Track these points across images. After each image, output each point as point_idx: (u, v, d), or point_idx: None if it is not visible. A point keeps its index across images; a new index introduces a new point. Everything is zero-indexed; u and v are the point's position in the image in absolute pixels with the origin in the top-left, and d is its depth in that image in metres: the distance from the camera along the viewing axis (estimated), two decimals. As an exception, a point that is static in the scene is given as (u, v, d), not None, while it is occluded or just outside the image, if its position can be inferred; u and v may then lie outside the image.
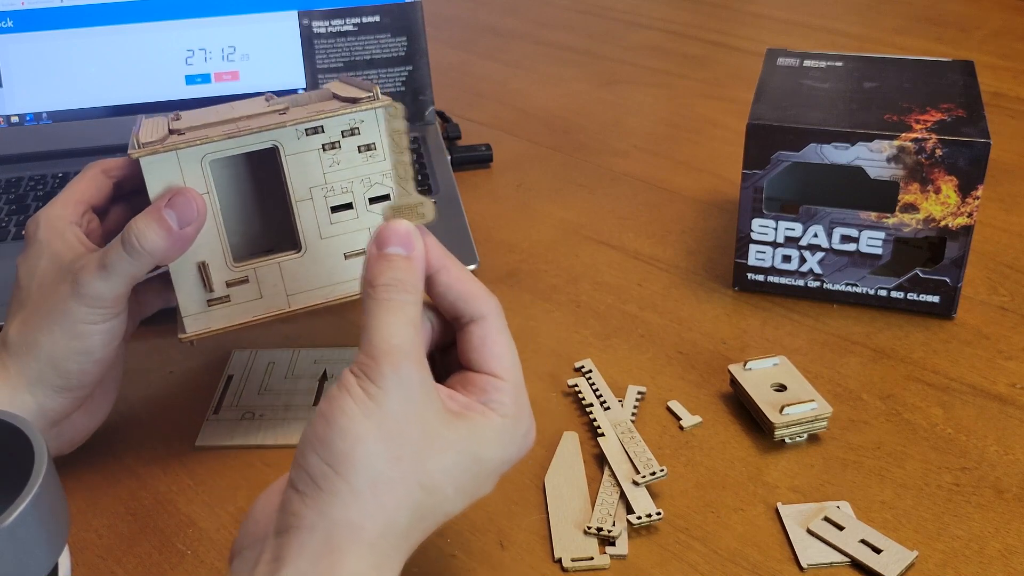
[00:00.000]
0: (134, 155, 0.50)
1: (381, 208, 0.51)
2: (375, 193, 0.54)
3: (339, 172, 0.53)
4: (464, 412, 0.42)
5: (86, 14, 0.87)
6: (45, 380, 0.51)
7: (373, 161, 0.53)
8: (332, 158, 0.53)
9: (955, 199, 0.64)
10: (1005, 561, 0.49)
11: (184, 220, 0.50)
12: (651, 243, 0.79)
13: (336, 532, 0.38)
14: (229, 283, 0.53)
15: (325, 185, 0.53)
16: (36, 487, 0.39)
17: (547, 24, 1.34)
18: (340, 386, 0.40)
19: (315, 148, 0.52)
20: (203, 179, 0.51)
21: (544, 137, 0.99)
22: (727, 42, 1.24)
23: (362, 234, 0.54)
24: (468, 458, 0.41)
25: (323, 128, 0.52)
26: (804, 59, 0.76)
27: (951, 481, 0.54)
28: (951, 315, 0.67)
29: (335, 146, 0.53)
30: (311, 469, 0.39)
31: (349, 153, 0.53)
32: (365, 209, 0.54)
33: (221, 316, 0.53)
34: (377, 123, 0.53)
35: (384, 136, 0.53)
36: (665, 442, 0.58)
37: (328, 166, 0.53)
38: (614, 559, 0.50)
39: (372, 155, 0.53)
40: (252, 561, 0.39)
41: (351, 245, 0.54)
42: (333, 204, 0.53)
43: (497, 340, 0.44)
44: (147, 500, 0.55)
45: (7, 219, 0.80)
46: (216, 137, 0.51)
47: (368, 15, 0.91)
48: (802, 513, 0.52)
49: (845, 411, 0.60)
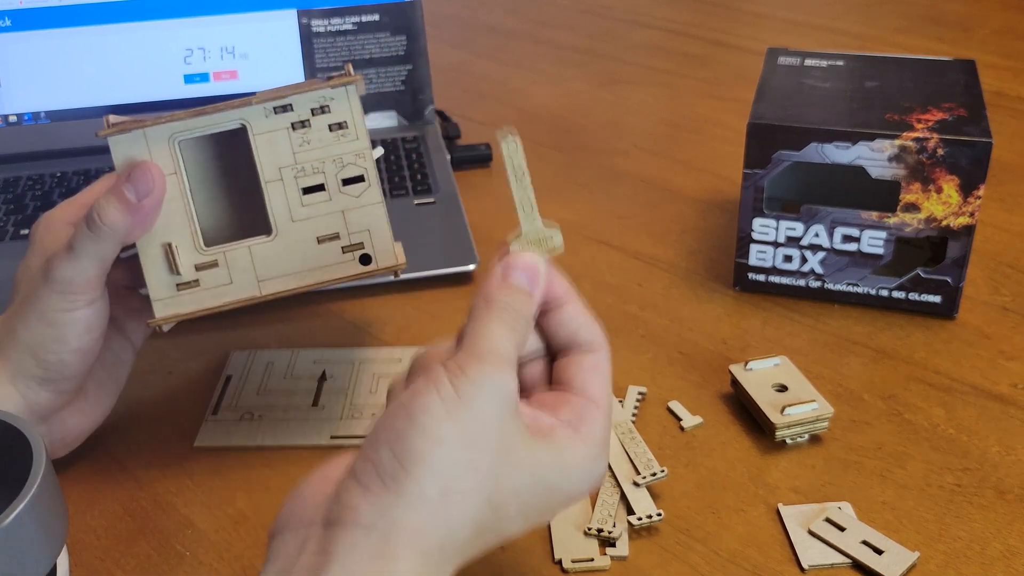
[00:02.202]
0: (101, 134, 0.49)
1: (511, 239, 0.46)
2: (348, 174, 0.52)
3: (310, 152, 0.52)
4: (550, 434, 0.40)
5: (84, 13, 0.87)
6: (26, 371, 0.51)
7: (345, 141, 0.52)
8: (302, 137, 0.51)
9: (956, 199, 0.63)
10: (1007, 562, 0.49)
11: (141, 191, 0.49)
12: (651, 243, 0.79)
13: (395, 536, 0.36)
14: (198, 267, 0.52)
15: (295, 165, 0.52)
16: (34, 488, 0.39)
17: (547, 23, 1.34)
18: (429, 380, 0.38)
19: (284, 127, 0.51)
20: (172, 159, 0.50)
21: (544, 137, 0.99)
22: (728, 41, 1.24)
23: (335, 217, 0.53)
24: (541, 485, 0.39)
25: (292, 106, 0.51)
26: (805, 58, 0.76)
27: (953, 482, 0.54)
28: (953, 315, 0.67)
29: (305, 125, 0.51)
30: (381, 465, 0.37)
31: (320, 132, 0.51)
32: (338, 191, 0.52)
33: (190, 301, 0.52)
34: (348, 101, 0.51)
35: (356, 114, 0.51)
36: (666, 443, 0.58)
37: (298, 145, 0.51)
38: (614, 560, 0.50)
39: (344, 134, 0.52)
40: (295, 547, 0.37)
41: (323, 229, 0.53)
42: (304, 185, 0.52)
43: (607, 370, 0.44)
44: (146, 501, 0.55)
45: (5, 219, 0.80)
46: (183, 116, 0.50)
47: (367, 14, 0.90)
48: (803, 514, 0.52)
49: (846, 411, 0.60)
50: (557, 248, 0.45)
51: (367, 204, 0.53)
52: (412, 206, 0.80)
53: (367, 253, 0.53)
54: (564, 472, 0.40)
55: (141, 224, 0.50)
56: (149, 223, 0.50)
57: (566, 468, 0.40)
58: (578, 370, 0.43)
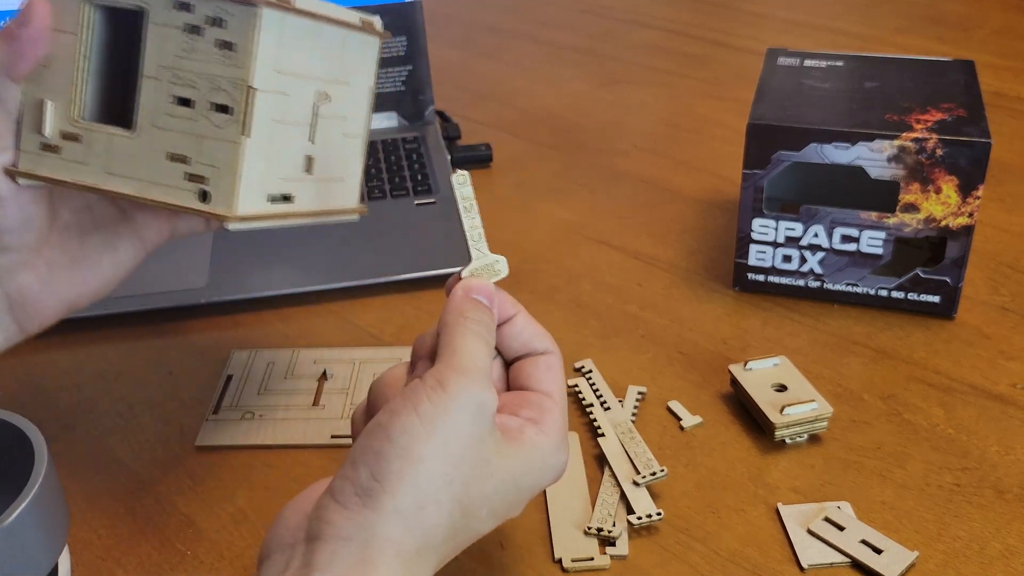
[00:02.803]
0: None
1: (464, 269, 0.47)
2: (218, 100, 0.48)
3: (191, 61, 0.48)
4: (519, 435, 0.42)
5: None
6: None
7: (228, 64, 0.47)
8: (190, 43, 0.47)
9: (956, 199, 0.63)
10: (1006, 561, 0.49)
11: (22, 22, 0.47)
12: (651, 243, 0.79)
13: (373, 544, 0.37)
14: (63, 135, 0.49)
15: (175, 69, 0.48)
16: (36, 487, 0.39)
17: (547, 24, 1.34)
18: (406, 400, 0.39)
19: (179, 25, 0.47)
20: (77, 18, 0.48)
21: (544, 137, 0.99)
22: (727, 41, 1.24)
23: (191, 139, 0.48)
24: (510, 485, 0.41)
25: (192, 7, 0.47)
26: (805, 59, 0.76)
27: (952, 481, 0.54)
28: (952, 315, 0.67)
29: (196, 31, 0.47)
30: (359, 483, 0.38)
31: (207, 44, 0.47)
32: (203, 113, 0.48)
33: (47, 166, 0.50)
34: (251, 26, 0.47)
35: (251, 44, 0.47)
36: (665, 442, 0.58)
37: (183, 50, 0.48)
38: (614, 559, 0.50)
39: (228, 57, 0.47)
40: (281, 566, 0.38)
41: (178, 146, 0.48)
42: (176, 94, 0.48)
43: (561, 369, 0.47)
44: (147, 500, 0.55)
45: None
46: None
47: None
48: (803, 513, 0.52)
49: (846, 411, 0.60)
50: (502, 273, 0.48)
51: (224, 139, 0.48)
52: (412, 206, 0.81)
53: (207, 190, 0.49)
54: (532, 470, 0.42)
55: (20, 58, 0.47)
56: (27, 58, 0.48)
57: (534, 466, 0.42)
58: (534, 369, 0.46)
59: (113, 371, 0.66)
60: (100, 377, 0.65)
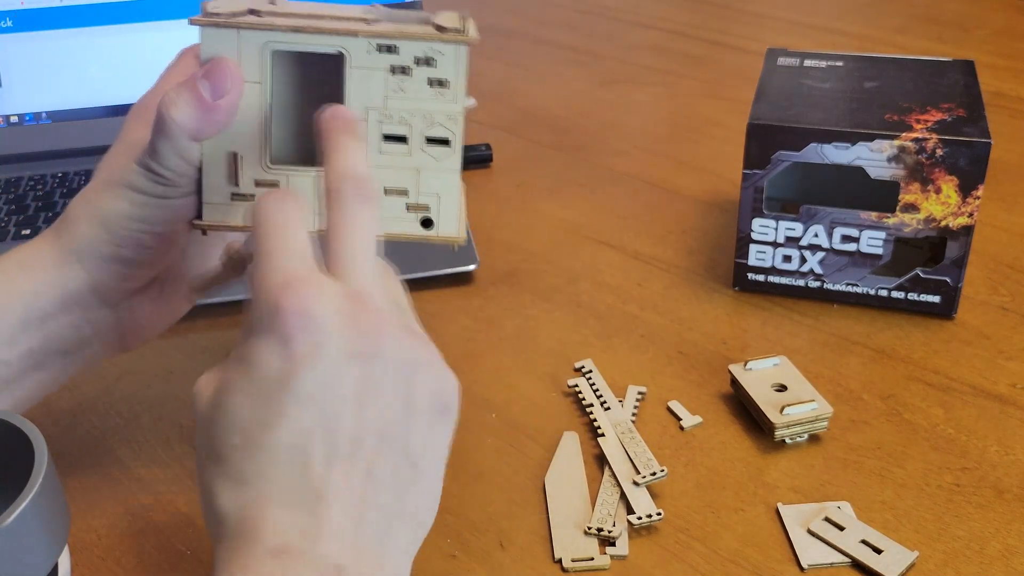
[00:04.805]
0: (193, 21, 0.46)
1: None
2: (434, 134, 0.49)
3: (402, 100, 0.49)
4: None
5: (86, 14, 0.87)
6: (96, 246, 0.48)
7: (441, 99, 0.49)
8: (399, 84, 0.48)
9: (956, 199, 0.63)
10: (1006, 561, 0.49)
11: (218, 91, 0.46)
12: (651, 243, 0.79)
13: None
14: (258, 183, 0.49)
15: (383, 109, 0.49)
16: (36, 487, 0.39)
17: (547, 24, 1.34)
18: None
19: (383, 67, 0.48)
20: (260, 67, 0.47)
21: (544, 137, 0.99)
22: (727, 42, 1.24)
23: (408, 173, 0.50)
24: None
25: (397, 49, 0.48)
26: (804, 59, 0.76)
27: (952, 481, 0.54)
28: (952, 315, 0.67)
29: (405, 71, 0.48)
30: None
31: (418, 83, 0.48)
32: (419, 147, 0.50)
33: (240, 214, 0.50)
34: (456, 60, 0.48)
35: (461, 76, 0.49)
36: (665, 442, 0.58)
37: (392, 90, 0.48)
38: (614, 559, 0.50)
39: (442, 92, 0.49)
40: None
41: (393, 181, 0.50)
42: (387, 132, 0.49)
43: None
44: (147, 500, 0.55)
45: (6, 219, 0.80)
46: (282, 27, 0.47)
47: (368, 15, 0.90)
48: (802, 513, 0.52)
49: (845, 411, 0.60)
50: None
51: (445, 170, 0.51)
52: (413, 206, 0.81)
53: (430, 217, 0.51)
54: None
55: (212, 125, 0.47)
56: (222, 124, 0.47)
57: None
58: None
59: (113, 371, 0.66)
60: (100, 377, 0.65)
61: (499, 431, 0.59)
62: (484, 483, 0.56)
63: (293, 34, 0.47)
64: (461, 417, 0.60)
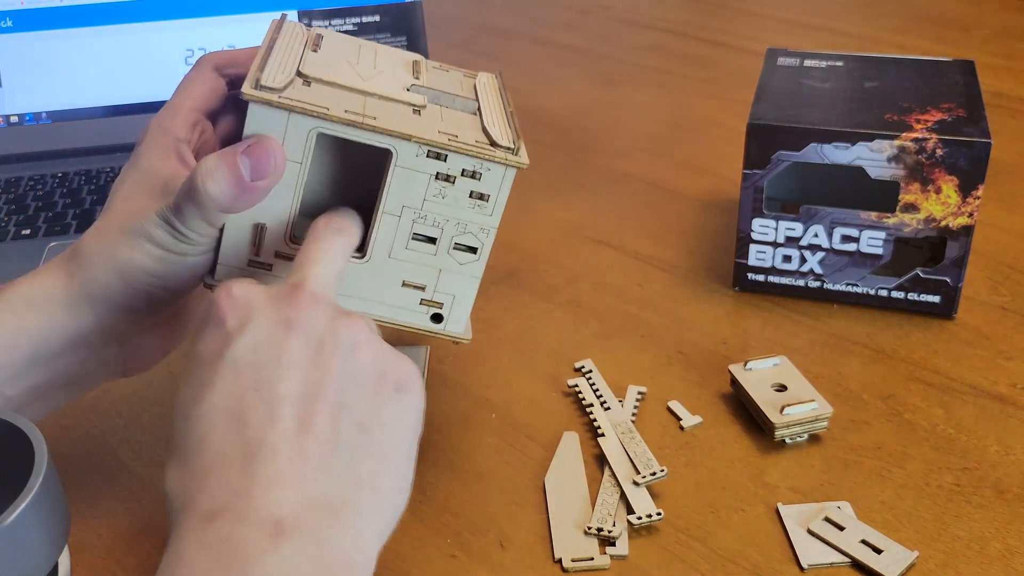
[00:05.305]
0: (246, 95, 0.45)
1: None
2: (465, 242, 0.51)
3: (440, 205, 0.49)
4: None
5: (86, 14, 0.87)
6: (109, 294, 0.47)
7: (479, 211, 0.50)
8: (440, 189, 0.49)
9: (955, 199, 0.63)
10: (1006, 561, 0.49)
11: (258, 173, 0.45)
12: (651, 243, 0.79)
13: None
14: (278, 254, 0.50)
15: (420, 210, 0.49)
16: (36, 487, 0.39)
17: (547, 24, 1.34)
18: None
19: (429, 173, 0.49)
20: (303, 149, 0.47)
21: (544, 137, 0.99)
22: (727, 42, 1.24)
23: (430, 271, 0.51)
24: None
25: (446, 158, 0.48)
26: (804, 59, 0.76)
27: (952, 481, 0.54)
28: (952, 315, 0.67)
29: (449, 180, 0.49)
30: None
31: (459, 193, 0.49)
32: (446, 250, 0.51)
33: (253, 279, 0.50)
34: (503, 180, 0.49)
35: (503, 194, 0.50)
36: (665, 442, 0.58)
37: (432, 195, 0.49)
38: (614, 559, 0.50)
39: (481, 206, 0.50)
40: None
41: (414, 276, 0.51)
42: (418, 231, 0.50)
43: None
44: (147, 500, 0.55)
45: (6, 219, 0.80)
46: (336, 118, 0.46)
47: (368, 15, 0.91)
48: (802, 513, 0.52)
49: (845, 411, 0.60)
50: None
51: (466, 274, 0.52)
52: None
53: (441, 314, 0.52)
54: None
55: (247, 204, 0.46)
56: (254, 203, 0.47)
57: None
58: None
59: (113, 371, 0.66)
60: (100, 377, 0.65)
61: (499, 431, 0.59)
62: (484, 483, 0.56)
63: (345, 127, 0.47)
64: (461, 417, 0.61)
